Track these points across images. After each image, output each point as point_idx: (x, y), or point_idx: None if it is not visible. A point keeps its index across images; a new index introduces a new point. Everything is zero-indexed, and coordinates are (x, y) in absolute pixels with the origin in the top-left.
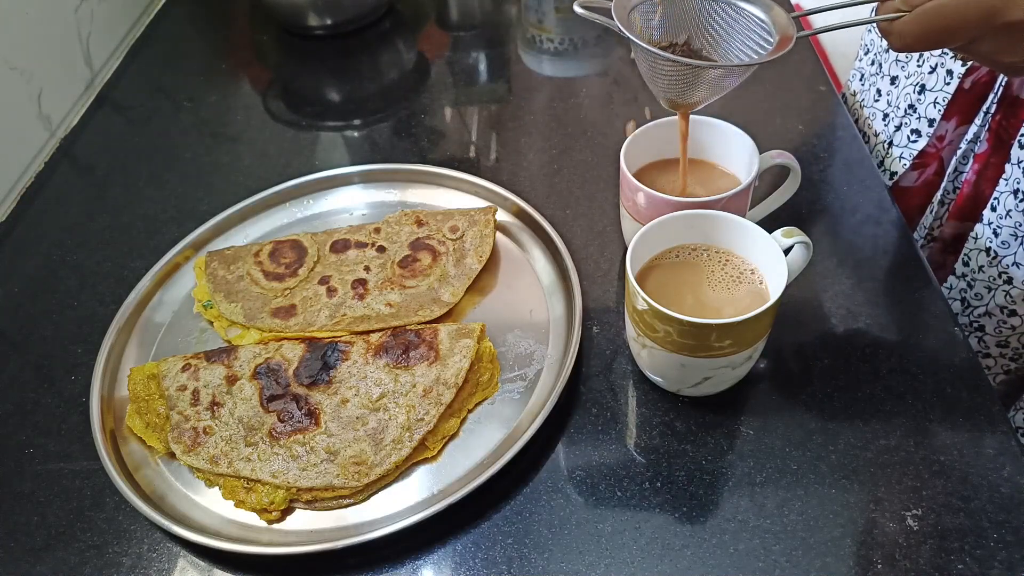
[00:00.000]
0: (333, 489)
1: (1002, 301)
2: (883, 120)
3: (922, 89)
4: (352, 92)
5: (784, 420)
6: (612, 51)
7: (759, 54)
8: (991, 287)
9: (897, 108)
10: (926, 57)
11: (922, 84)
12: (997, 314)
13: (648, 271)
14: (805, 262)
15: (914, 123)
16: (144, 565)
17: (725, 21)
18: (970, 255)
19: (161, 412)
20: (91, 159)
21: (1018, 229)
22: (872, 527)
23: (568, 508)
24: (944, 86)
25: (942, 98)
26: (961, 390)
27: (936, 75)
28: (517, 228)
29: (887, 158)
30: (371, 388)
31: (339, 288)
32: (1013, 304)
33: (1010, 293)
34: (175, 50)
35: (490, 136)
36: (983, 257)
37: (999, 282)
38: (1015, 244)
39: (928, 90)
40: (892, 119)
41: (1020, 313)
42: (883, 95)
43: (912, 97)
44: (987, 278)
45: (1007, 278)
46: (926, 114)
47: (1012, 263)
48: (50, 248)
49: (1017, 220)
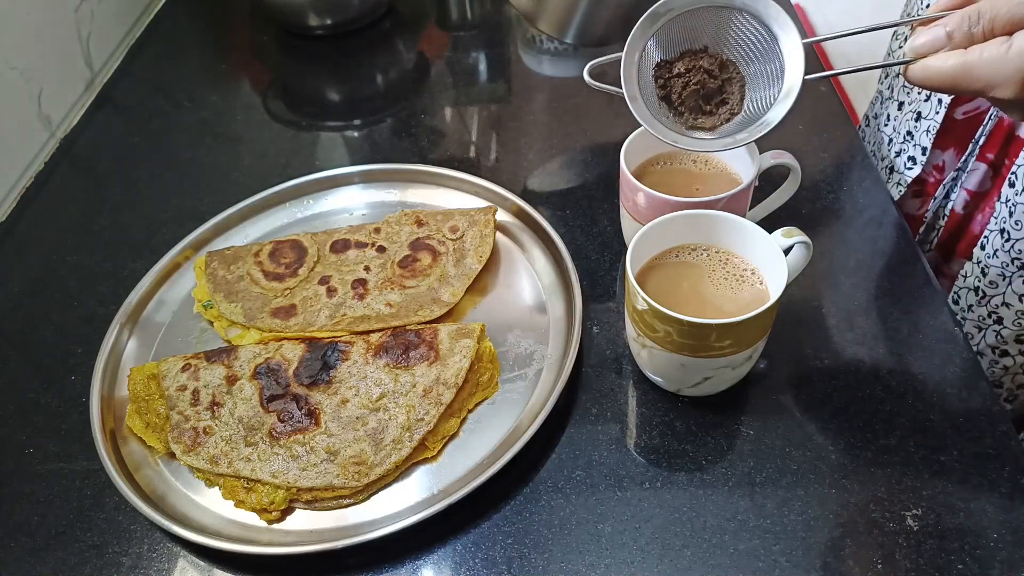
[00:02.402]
0: (333, 489)
1: (993, 341)
2: (888, 144)
3: (918, 116)
4: (352, 92)
5: (784, 420)
6: (612, 51)
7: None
8: (981, 327)
9: (899, 134)
10: None
11: (919, 111)
12: (989, 354)
13: (648, 271)
14: (805, 262)
15: (910, 150)
16: (144, 565)
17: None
18: (959, 293)
19: (161, 412)
20: (91, 159)
21: (1005, 269)
22: (872, 527)
23: (568, 508)
24: (935, 115)
25: (933, 127)
26: (961, 390)
27: (930, 103)
28: (517, 228)
29: (888, 183)
30: (371, 388)
31: (339, 288)
32: (1004, 344)
33: (1001, 333)
34: (175, 50)
35: (490, 136)
36: (972, 296)
37: (989, 322)
38: (1003, 284)
39: (923, 118)
40: (895, 144)
41: (1012, 353)
42: (891, 120)
43: (910, 124)
44: (976, 317)
45: (996, 318)
46: (920, 142)
47: (1001, 303)
48: (50, 248)
49: (1004, 260)
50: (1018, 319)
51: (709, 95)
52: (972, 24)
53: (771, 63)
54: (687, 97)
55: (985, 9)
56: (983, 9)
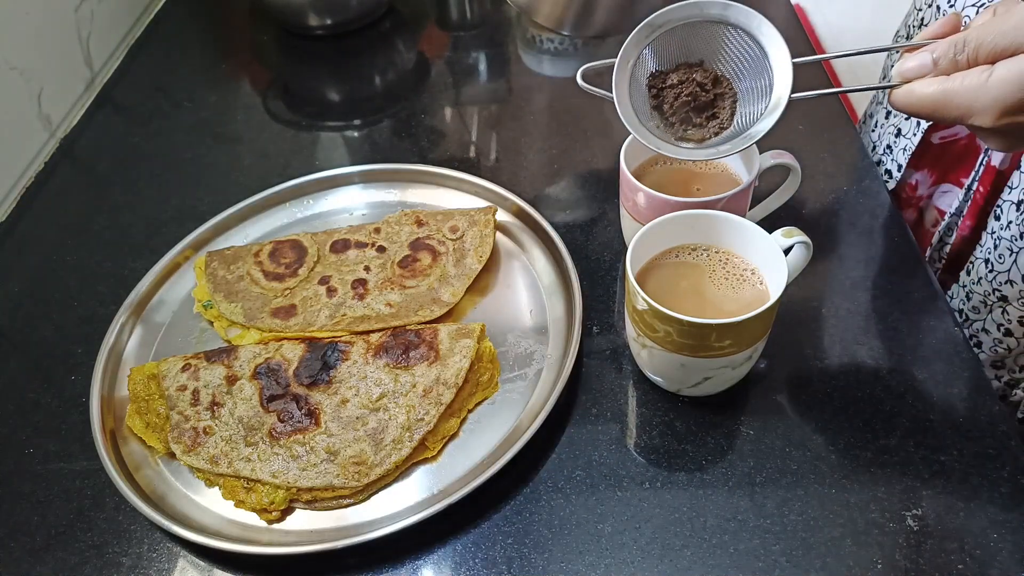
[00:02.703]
0: (333, 489)
1: None
2: (871, 151)
3: (898, 133)
4: (352, 92)
5: (784, 420)
6: (612, 51)
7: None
8: None
9: (881, 143)
10: None
11: (899, 128)
12: None
13: (648, 271)
14: (805, 262)
15: (888, 163)
16: (144, 565)
17: (737, 51)
18: None
19: (161, 412)
20: (91, 159)
21: (987, 298)
22: (872, 527)
23: (568, 508)
24: (912, 136)
25: (909, 146)
26: (961, 390)
27: (910, 122)
28: (517, 228)
29: None
30: (371, 388)
31: (339, 288)
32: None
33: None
34: (175, 50)
35: (490, 136)
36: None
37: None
38: (984, 311)
39: (902, 135)
40: (877, 152)
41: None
42: (877, 126)
43: (891, 138)
44: None
45: (976, 342)
46: (897, 158)
47: (981, 329)
48: (50, 248)
49: (986, 289)
50: (994, 346)
51: (700, 108)
52: (957, 52)
53: (761, 79)
54: (678, 108)
55: (971, 38)
56: (969, 38)
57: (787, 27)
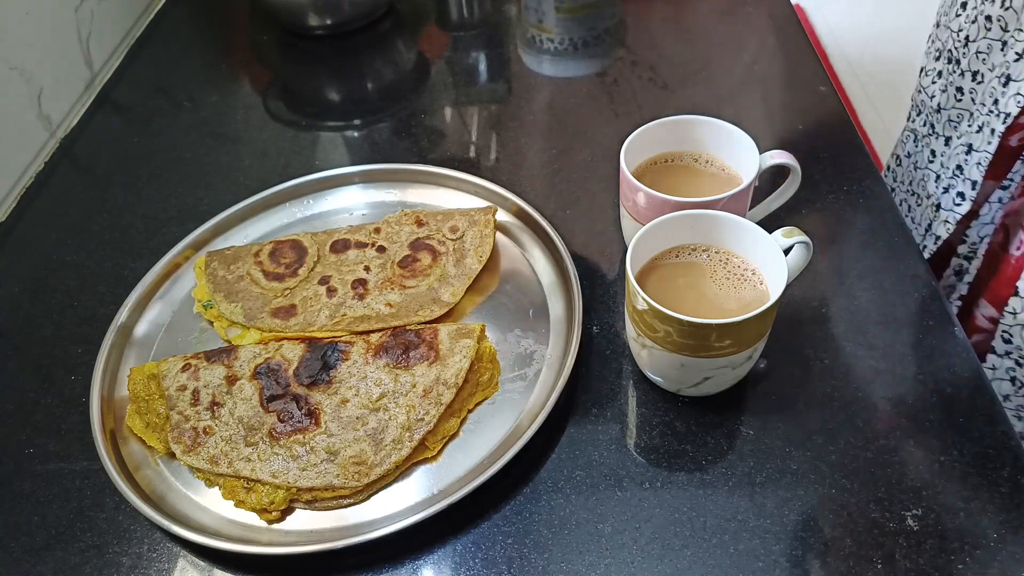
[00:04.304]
0: (333, 489)
1: None
2: (935, 182)
3: (969, 149)
4: (352, 92)
5: (784, 420)
6: (612, 51)
7: None
8: None
9: (947, 169)
10: (975, 115)
11: (969, 144)
12: None
13: (648, 271)
14: (805, 262)
15: (959, 185)
16: (144, 565)
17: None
18: (1011, 331)
19: (161, 412)
20: (91, 159)
21: None
22: (872, 527)
23: (568, 508)
24: (987, 146)
25: (985, 159)
26: (961, 390)
27: (982, 134)
28: (517, 228)
29: (935, 220)
30: (371, 388)
31: (339, 288)
32: None
33: None
34: (175, 50)
35: (490, 136)
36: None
37: None
38: None
39: (974, 150)
40: (943, 180)
41: None
42: (937, 156)
43: (960, 158)
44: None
45: None
46: (970, 176)
47: None
48: (50, 248)
49: None
50: None
51: None
52: None
53: None
54: None
55: None
56: None
57: (787, 27)
